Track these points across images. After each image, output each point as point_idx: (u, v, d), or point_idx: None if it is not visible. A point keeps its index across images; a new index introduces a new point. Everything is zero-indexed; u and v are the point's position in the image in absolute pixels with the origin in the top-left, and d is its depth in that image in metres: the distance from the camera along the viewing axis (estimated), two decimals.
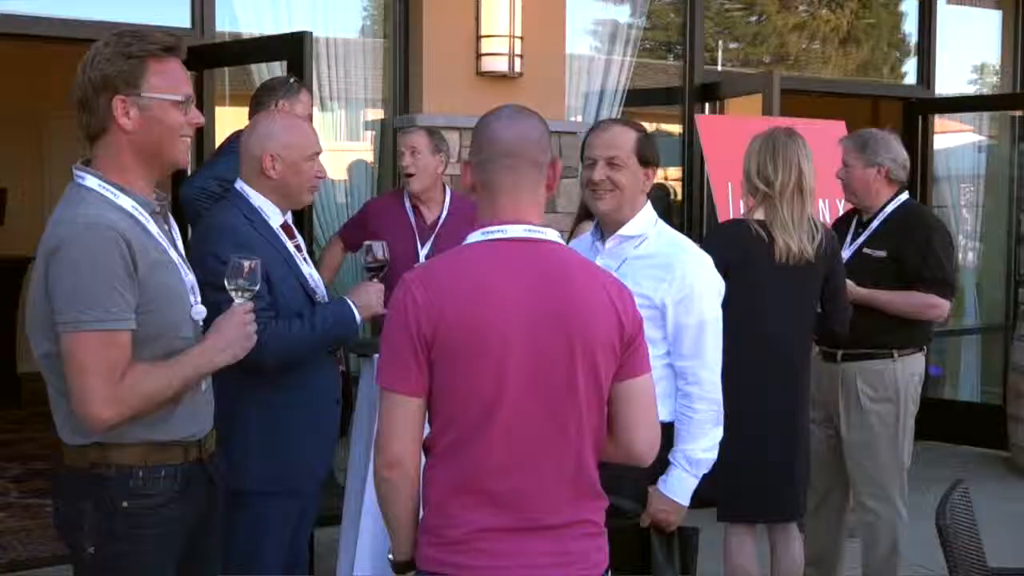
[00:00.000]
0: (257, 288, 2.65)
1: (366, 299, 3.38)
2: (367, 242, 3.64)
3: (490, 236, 2.24)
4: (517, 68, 5.79)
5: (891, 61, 8.51)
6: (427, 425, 2.25)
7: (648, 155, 3.11)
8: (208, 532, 2.65)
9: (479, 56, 5.78)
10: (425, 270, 2.26)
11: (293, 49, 4.83)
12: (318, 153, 3.33)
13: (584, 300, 2.20)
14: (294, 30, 5.04)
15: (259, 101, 4.25)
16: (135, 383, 2.35)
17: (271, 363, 3.09)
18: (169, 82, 2.46)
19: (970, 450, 7.44)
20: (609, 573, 2.32)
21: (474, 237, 2.26)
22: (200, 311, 2.55)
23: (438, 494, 2.20)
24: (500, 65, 5.76)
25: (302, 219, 4.62)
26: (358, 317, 3.33)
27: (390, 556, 2.30)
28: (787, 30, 8.05)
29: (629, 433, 2.29)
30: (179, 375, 2.43)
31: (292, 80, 4.40)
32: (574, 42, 6.37)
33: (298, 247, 3.37)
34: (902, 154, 4.46)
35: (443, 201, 4.74)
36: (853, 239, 4.49)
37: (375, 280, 3.48)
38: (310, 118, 4.30)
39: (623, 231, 3.13)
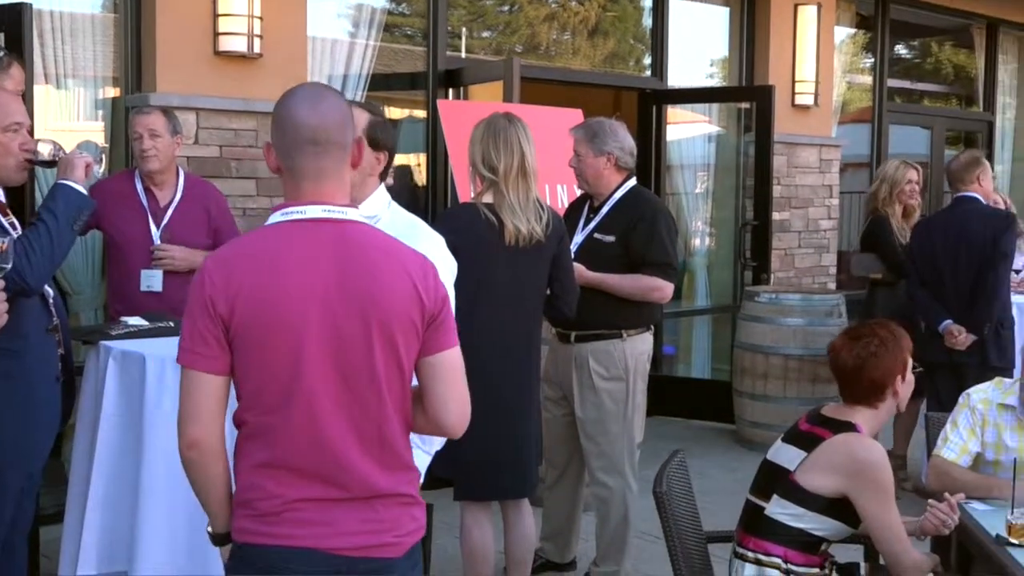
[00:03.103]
0: (8, 267, 2.64)
1: (63, 169, 3.33)
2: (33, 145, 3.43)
3: (290, 216, 2.25)
4: (256, 48, 5.66)
5: (636, 53, 8.81)
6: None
7: (380, 138, 3.11)
8: None
9: (216, 35, 5.60)
10: (224, 251, 2.30)
11: (11, 21, 4.54)
12: (20, 124, 3.20)
13: (382, 279, 2.23)
14: (13, 1, 4.74)
15: None
16: None
17: (35, 277, 3.09)
18: None
19: (702, 424, 7.84)
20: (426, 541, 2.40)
21: (275, 217, 2.28)
22: None
23: (249, 470, 2.24)
24: (238, 45, 5.61)
25: (23, 202, 4.38)
26: (74, 184, 3.29)
27: (208, 529, 2.33)
28: (538, 20, 8.21)
29: (437, 407, 2.34)
30: None
31: (2, 54, 4.14)
32: (317, 24, 6.25)
33: (12, 225, 3.24)
34: (629, 142, 4.62)
35: (176, 183, 4.73)
36: (585, 224, 4.62)
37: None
38: (23, 94, 4.06)
39: None
